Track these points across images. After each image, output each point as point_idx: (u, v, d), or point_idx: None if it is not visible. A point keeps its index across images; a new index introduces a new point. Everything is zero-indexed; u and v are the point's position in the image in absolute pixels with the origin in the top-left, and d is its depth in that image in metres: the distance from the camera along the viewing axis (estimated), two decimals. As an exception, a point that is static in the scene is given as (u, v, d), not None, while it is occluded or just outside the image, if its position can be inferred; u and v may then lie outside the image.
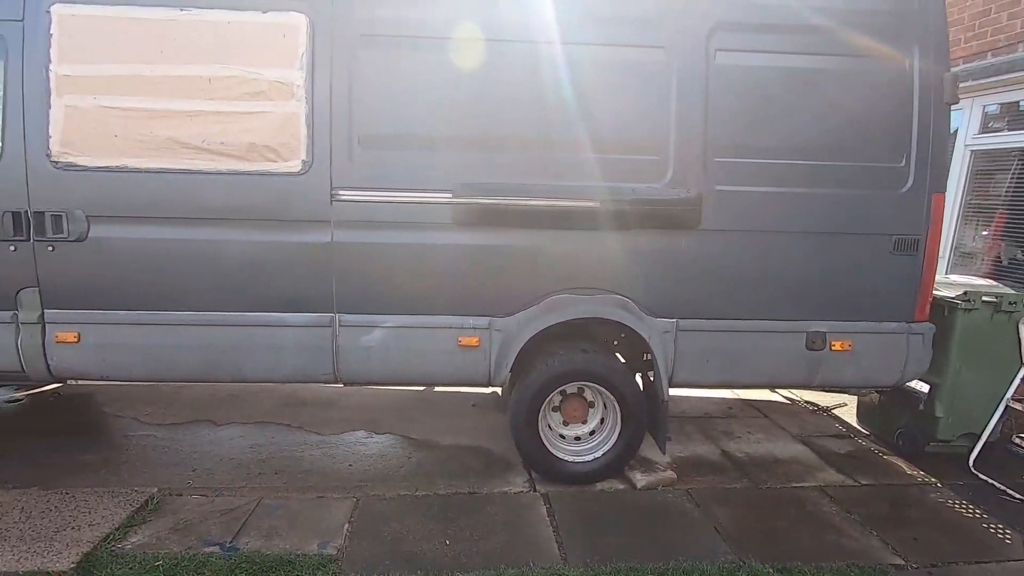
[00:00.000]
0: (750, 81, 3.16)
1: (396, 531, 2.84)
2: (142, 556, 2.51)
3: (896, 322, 3.36)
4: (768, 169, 3.20)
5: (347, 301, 3.19)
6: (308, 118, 3.03)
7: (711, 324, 3.31)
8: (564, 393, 3.43)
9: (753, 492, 3.38)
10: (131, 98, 3.01)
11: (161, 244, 3.11)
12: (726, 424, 4.36)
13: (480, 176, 3.11)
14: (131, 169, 3.03)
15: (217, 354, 3.22)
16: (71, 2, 2.97)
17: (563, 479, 3.35)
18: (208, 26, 3.00)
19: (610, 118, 3.15)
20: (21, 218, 3.03)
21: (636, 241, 3.21)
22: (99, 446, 3.67)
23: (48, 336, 3.16)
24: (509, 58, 3.07)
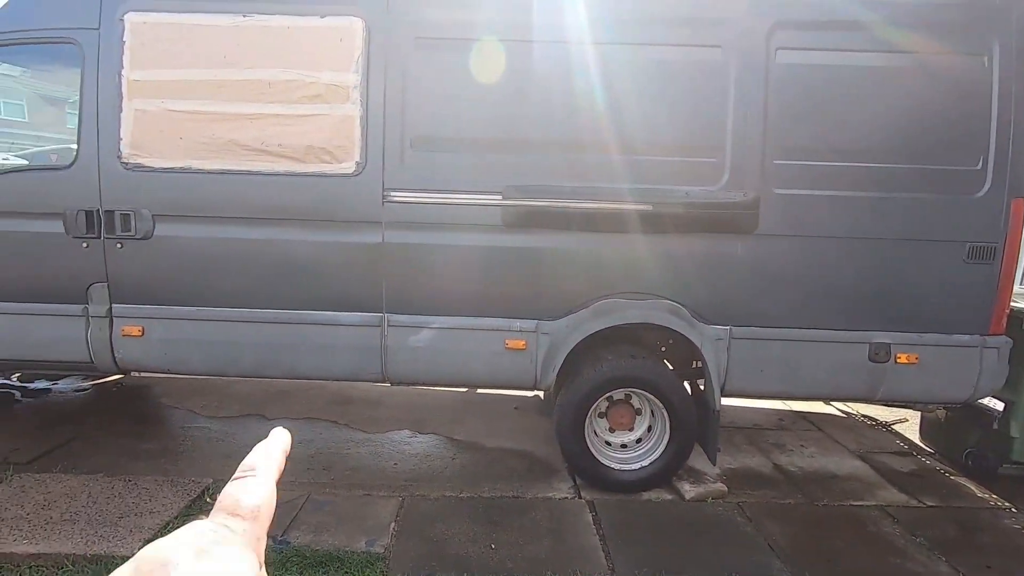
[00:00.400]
0: (812, 80, 3.04)
1: (442, 532, 2.84)
2: (199, 545, 2.59)
3: (969, 335, 3.16)
4: (831, 172, 3.07)
5: (396, 301, 3.22)
6: (362, 120, 3.08)
7: (767, 332, 3.19)
8: (611, 399, 3.37)
9: (809, 509, 3.24)
10: (196, 101, 3.12)
11: (221, 243, 3.21)
12: (777, 436, 4.20)
13: (531, 178, 3.09)
14: (194, 170, 3.15)
15: (271, 351, 3.30)
16: (143, 10, 3.10)
17: (609, 487, 3.29)
18: (269, 31, 3.08)
19: (664, 120, 3.08)
20: (93, 217, 3.18)
21: (690, 245, 3.13)
22: (158, 435, 3.83)
23: (115, 330, 3.31)
24: (560, 60, 3.04)
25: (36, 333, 3.33)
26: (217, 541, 0.32)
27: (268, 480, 0.36)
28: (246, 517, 0.34)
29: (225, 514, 0.33)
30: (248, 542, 0.33)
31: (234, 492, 0.35)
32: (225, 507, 0.33)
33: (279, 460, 0.38)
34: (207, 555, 0.31)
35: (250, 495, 0.34)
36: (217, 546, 0.31)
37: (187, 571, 0.30)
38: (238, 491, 0.35)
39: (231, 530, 0.33)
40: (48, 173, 3.33)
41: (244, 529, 0.33)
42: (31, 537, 2.52)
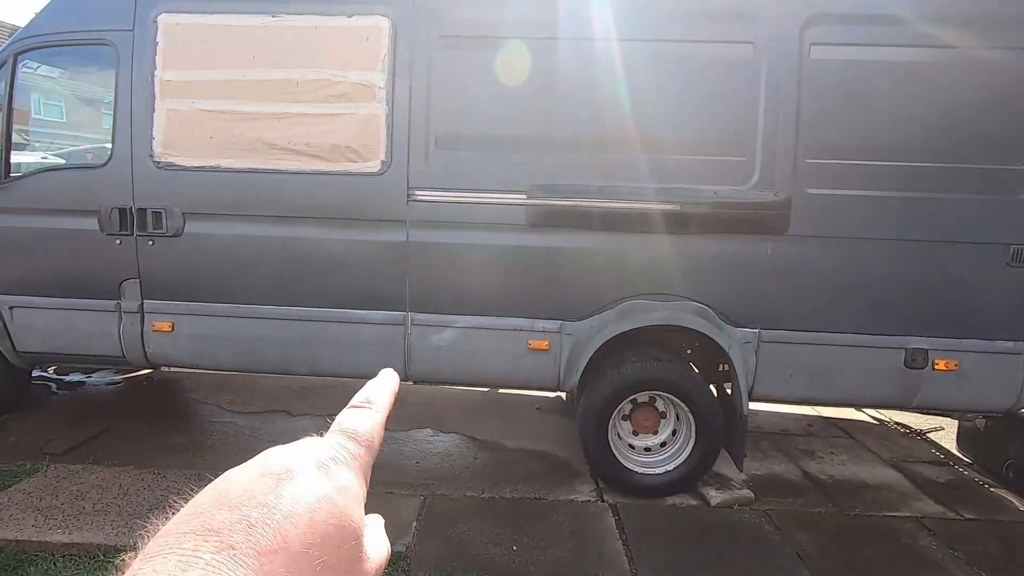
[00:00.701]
0: (848, 76, 2.94)
1: (463, 533, 2.83)
2: (225, 539, 2.62)
3: (1013, 341, 3.03)
4: (867, 171, 2.97)
5: (420, 300, 3.22)
6: (388, 119, 3.08)
7: (797, 336, 3.11)
8: (635, 402, 3.32)
9: (839, 518, 3.14)
10: (225, 101, 3.16)
11: (248, 241, 3.25)
12: (806, 442, 4.09)
13: (556, 177, 3.06)
14: (223, 169, 3.19)
15: (296, 347, 3.33)
16: (175, 11, 3.16)
17: (632, 491, 3.24)
18: (297, 31, 3.11)
19: (692, 118, 3.02)
20: (126, 214, 3.25)
21: (717, 246, 3.07)
22: (187, 429, 3.90)
23: (146, 325, 3.38)
24: (586, 57, 3.01)
25: (71, 327, 3.43)
26: (336, 459, 0.33)
27: (381, 413, 0.37)
28: (361, 443, 0.35)
29: (344, 436, 0.34)
30: (361, 467, 0.34)
31: (352, 418, 0.36)
32: (345, 430, 0.35)
33: (390, 397, 0.39)
34: (326, 470, 0.32)
35: (366, 423, 0.36)
36: (335, 464, 0.33)
37: (308, 480, 0.31)
38: (356, 417, 0.36)
39: (349, 451, 0.34)
40: (84, 172, 3.42)
41: (358, 454, 0.34)
42: (65, 527, 2.58)
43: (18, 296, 3.42)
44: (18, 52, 3.31)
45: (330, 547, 0.29)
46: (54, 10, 3.36)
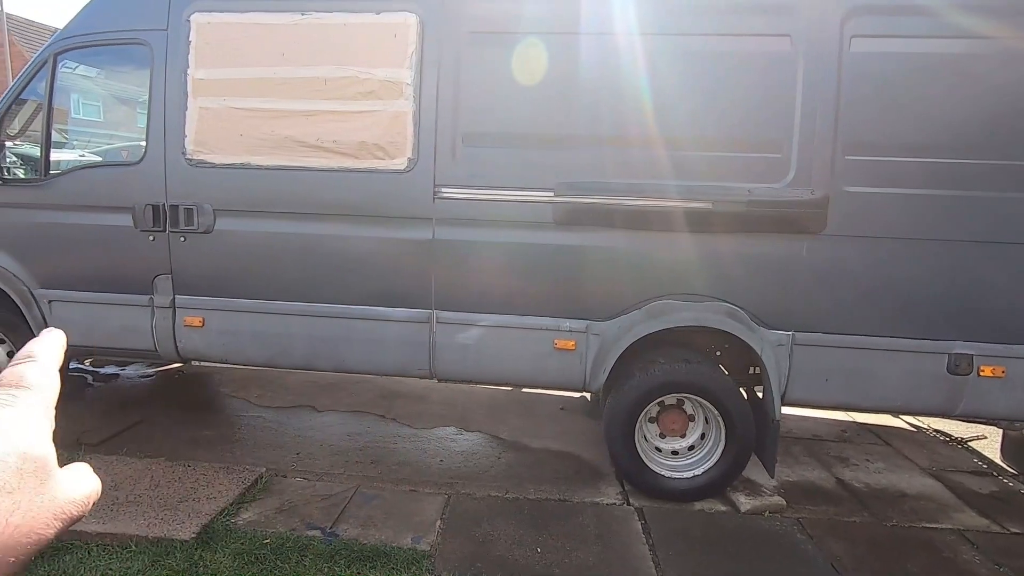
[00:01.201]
0: (892, 70, 2.82)
1: (487, 533, 2.81)
2: (252, 533, 2.66)
3: (1065, 348, 2.88)
4: (910, 168, 2.85)
5: (445, 298, 3.21)
6: (415, 116, 3.07)
7: (833, 339, 3.01)
8: (662, 404, 3.25)
9: (876, 528, 3.03)
10: (256, 99, 3.19)
11: (276, 237, 3.28)
12: (839, 449, 3.96)
13: (583, 175, 3.01)
14: (253, 166, 3.22)
15: (322, 344, 3.35)
16: (208, 10, 3.20)
17: (659, 494, 3.18)
18: (326, 29, 3.12)
19: (724, 113, 2.94)
20: (159, 211, 3.31)
21: (750, 245, 2.98)
22: (216, 423, 3.97)
23: (178, 320, 3.43)
24: (616, 53, 2.94)
25: (106, 321, 3.51)
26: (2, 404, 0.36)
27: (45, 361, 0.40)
28: (31, 388, 0.38)
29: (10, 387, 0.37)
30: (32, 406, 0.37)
31: (16, 371, 0.39)
32: (9, 383, 0.37)
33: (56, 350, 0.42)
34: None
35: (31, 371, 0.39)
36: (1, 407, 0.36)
37: None
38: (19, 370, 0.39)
39: (15, 397, 0.37)
40: (119, 169, 3.49)
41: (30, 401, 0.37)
42: (99, 517, 2.64)
43: (57, 290, 3.51)
44: (57, 52, 3.39)
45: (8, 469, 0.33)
46: (91, 11, 3.43)
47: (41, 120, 3.44)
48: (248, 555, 2.49)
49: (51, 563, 2.38)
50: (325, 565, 2.46)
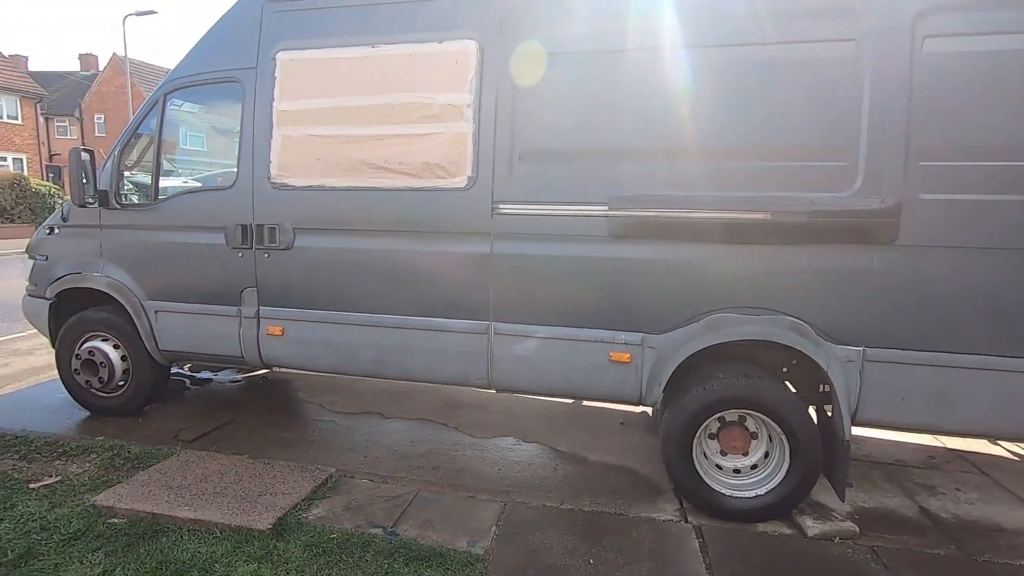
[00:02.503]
0: (971, 69, 2.66)
1: (540, 541, 2.85)
2: (321, 527, 2.85)
3: None
4: (991, 173, 2.66)
5: (502, 310, 3.31)
6: (474, 136, 3.23)
7: (910, 356, 2.83)
8: (723, 420, 3.17)
9: (964, 563, 2.79)
10: (331, 126, 3.48)
11: (347, 253, 3.53)
12: (926, 476, 3.67)
13: (637, 188, 3.03)
14: (328, 188, 3.50)
15: (388, 353, 3.55)
16: (291, 49, 3.54)
17: (718, 513, 3.09)
18: (393, 60, 3.36)
19: (784, 121, 2.87)
20: (248, 230, 3.66)
21: (815, 257, 2.88)
22: (294, 426, 4.27)
23: (261, 329, 3.76)
24: (669, 67, 2.97)
25: (201, 330, 3.90)
26: None
27: None
28: None
29: None
30: None
31: None
32: None
33: None
34: None
35: None
36: None
37: None
38: None
39: None
40: (214, 193, 3.90)
41: None
42: (191, 504, 2.93)
43: (161, 302, 3.95)
44: (166, 92, 3.87)
45: None
46: (193, 56, 3.88)
47: (152, 151, 3.92)
48: (316, 547, 2.68)
49: (151, 543, 2.67)
50: (385, 562, 2.60)
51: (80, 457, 3.54)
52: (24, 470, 3.38)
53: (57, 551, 2.61)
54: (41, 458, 3.53)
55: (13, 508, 2.94)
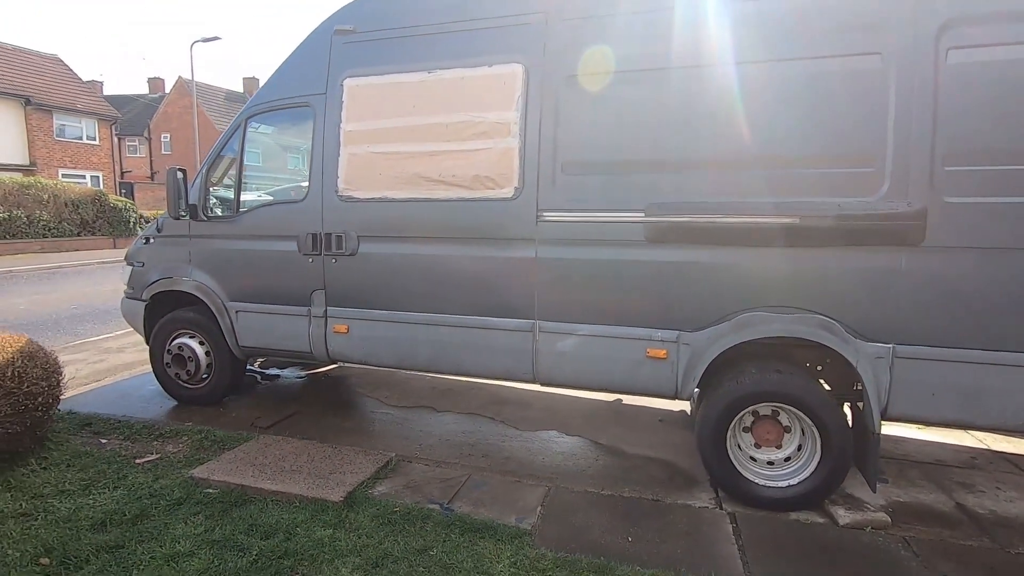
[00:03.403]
0: (992, 78, 2.79)
1: (582, 521, 3.10)
2: (385, 501, 3.19)
3: None
4: (1015, 176, 2.77)
5: (546, 309, 3.60)
6: (520, 151, 3.54)
7: (939, 353, 2.95)
8: (757, 415, 3.34)
9: (998, 554, 2.87)
10: (391, 144, 3.87)
11: (406, 258, 3.90)
12: (966, 475, 3.71)
13: (672, 195, 3.27)
14: (388, 199, 3.89)
15: (442, 349, 3.89)
16: (356, 76, 3.96)
17: (751, 501, 3.26)
18: (447, 83, 3.72)
19: (814, 131, 3.05)
20: (317, 238, 4.09)
21: (844, 259, 3.04)
22: (354, 416, 4.67)
23: (328, 327, 4.17)
24: (700, 82, 3.20)
25: (276, 328, 4.35)
26: None
27: None
28: None
29: None
30: None
31: None
32: None
33: None
34: None
35: None
36: None
37: None
38: None
39: None
40: (289, 205, 4.35)
41: None
42: (272, 479, 3.33)
43: (241, 302, 4.43)
44: (247, 117, 4.37)
45: None
46: (270, 84, 4.37)
47: (235, 169, 4.42)
48: (382, 518, 3.01)
49: (241, 509, 3.07)
50: (443, 532, 2.91)
51: (174, 439, 4.03)
52: (129, 448, 3.88)
53: (165, 513, 3.04)
54: (142, 439, 4.03)
55: (125, 479, 3.41)
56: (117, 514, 3.01)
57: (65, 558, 2.64)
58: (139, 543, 2.77)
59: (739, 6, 3.16)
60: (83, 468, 3.52)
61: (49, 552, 2.68)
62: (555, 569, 2.64)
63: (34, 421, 3.53)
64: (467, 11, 3.71)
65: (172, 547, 2.73)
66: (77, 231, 19.37)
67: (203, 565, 2.60)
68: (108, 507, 3.07)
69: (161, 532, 2.87)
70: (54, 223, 18.66)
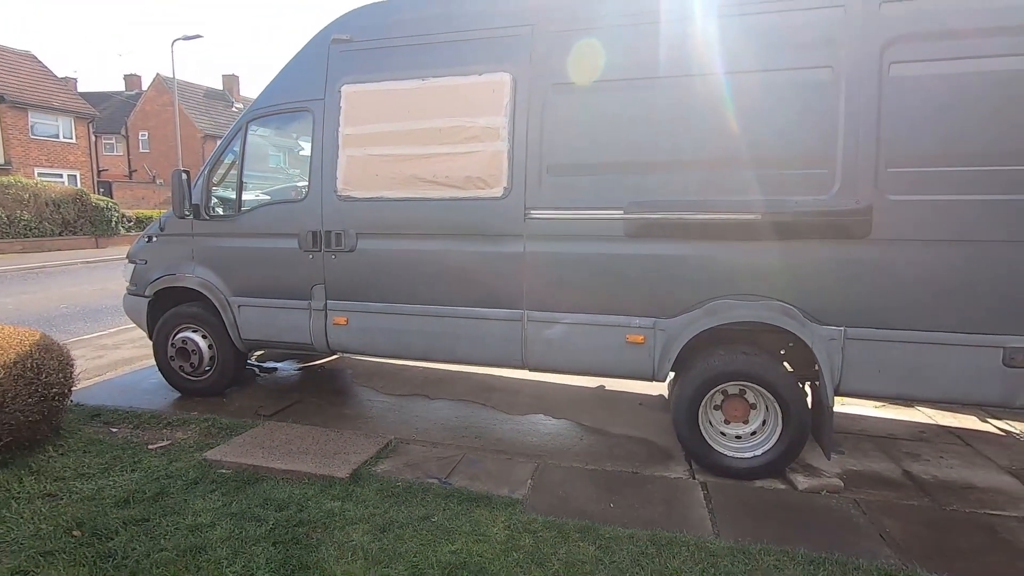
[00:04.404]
0: (928, 89, 3.14)
1: (568, 492, 3.41)
2: (388, 477, 3.47)
3: None
4: (950, 177, 3.13)
5: (534, 300, 3.90)
6: (509, 154, 3.83)
7: (884, 334, 3.31)
8: (726, 394, 3.68)
9: (935, 512, 3.24)
10: (388, 147, 4.13)
11: (402, 253, 4.17)
12: (914, 447, 4.10)
13: (649, 195, 3.59)
14: (385, 199, 4.15)
15: (437, 338, 4.17)
16: (354, 82, 4.21)
17: (722, 472, 3.60)
18: (440, 89, 3.99)
19: (774, 136, 3.38)
20: (317, 235, 4.33)
21: (800, 251, 3.38)
22: (352, 404, 4.93)
23: (328, 320, 4.42)
24: (674, 91, 3.52)
25: (277, 321, 4.58)
26: None
27: None
28: None
29: None
30: None
31: None
32: None
33: None
34: None
35: None
36: None
37: None
38: None
39: None
40: (289, 204, 4.58)
41: None
42: (282, 459, 3.58)
43: (243, 297, 4.65)
44: (248, 120, 4.59)
45: None
46: (270, 89, 4.59)
47: (236, 170, 4.64)
48: (386, 491, 3.29)
49: (254, 486, 3.32)
50: (443, 502, 3.19)
51: (182, 427, 4.25)
52: (140, 436, 4.09)
53: (183, 491, 3.28)
54: (151, 427, 4.25)
55: (140, 463, 3.63)
56: (138, 493, 3.24)
57: (95, 530, 2.87)
58: (162, 517, 3.01)
59: (708, 24, 3.48)
60: (99, 454, 3.73)
61: (80, 526, 2.91)
62: (545, 530, 2.94)
63: (51, 410, 3.73)
64: (458, 23, 3.98)
65: (194, 519, 2.98)
66: (59, 231, 19.19)
67: (225, 533, 2.86)
68: (129, 487, 3.30)
69: (182, 507, 3.11)
70: (35, 223, 18.47)
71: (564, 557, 2.72)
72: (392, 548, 2.76)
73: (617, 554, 2.75)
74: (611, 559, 2.71)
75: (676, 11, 3.53)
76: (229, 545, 2.76)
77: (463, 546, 2.78)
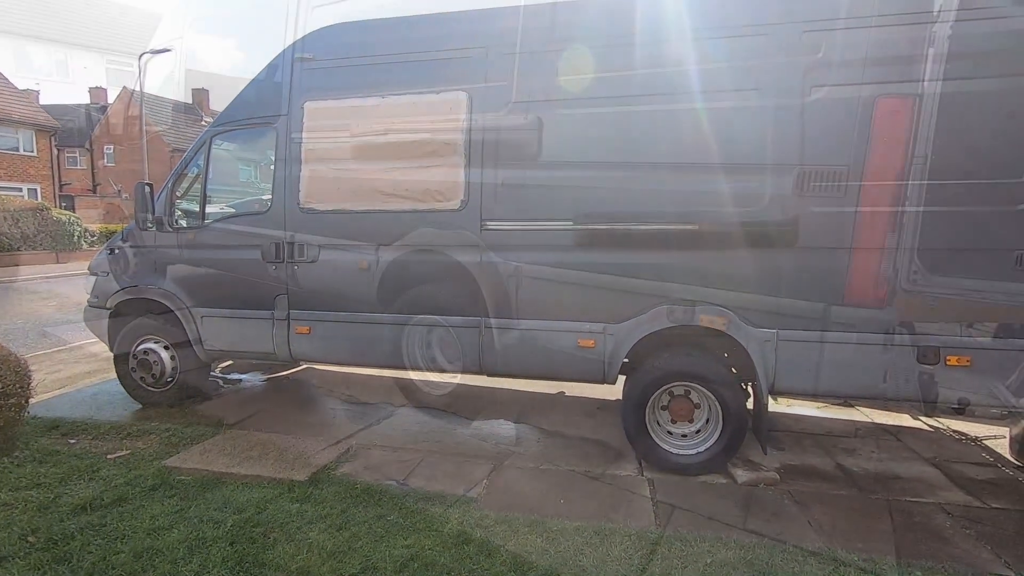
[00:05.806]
0: (846, 111, 3.44)
1: (523, 490, 3.56)
2: (347, 480, 3.57)
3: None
4: (861, 190, 3.43)
5: (491, 308, 4.07)
6: (466, 168, 4.02)
7: (812, 335, 3.57)
8: (672, 395, 3.89)
9: (860, 500, 3.49)
10: (349, 161, 4.28)
11: (363, 264, 4.30)
12: (849, 443, 4.38)
13: (596, 207, 3.81)
14: (347, 211, 4.29)
15: (396, 347, 4.29)
16: (316, 99, 4.36)
17: (669, 468, 3.80)
18: (400, 106, 4.17)
19: (709, 153, 3.64)
20: (280, 246, 4.44)
21: (735, 259, 3.63)
22: (316, 412, 5.00)
23: (291, 329, 4.51)
24: (620, 111, 3.76)
25: (240, 331, 4.65)
26: None
27: None
28: None
29: None
30: None
31: None
32: None
33: None
34: None
35: None
36: None
37: None
38: None
39: None
40: (253, 216, 4.68)
41: None
42: (242, 465, 3.65)
43: (206, 308, 4.71)
44: (212, 135, 4.69)
45: None
46: (235, 105, 4.71)
47: (200, 183, 4.72)
48: (344, 493, 3.39)
49: (214, 491, 3.39)
50: (399, 501, 3.31)
51: (143, 436, 4.27)
52: (99, 446, 4.10)
53: (141, 497, 3.32)
54: (110, 438, 4.26)
55: (98, 471, 3.65)
56: (96, 500, 3.27)
57: (51, 536, 2.91)
58: (120, 521, 3.06)
59: (648, 50, 3.74)
60: (56, 464, 3.74)
61: (35, 532, 2.94)
62: (496, 525, 3.08)
63: (7, 421, 3.73)
64: (416, 44, 4.18)
65: (152, 523, 3.04)
66: (17, 245, 18.65)
67: (182, 535, 2.92)
68: (86, 495, 3.33)
69: (140, 512, 3.16)
70: (-10, 237, 17.93)
71: (512, 548, 2.86)
72: (347, 544, 2.87)
73: (563, 544, 2.91)
74: (556, 549, 2.87)
75: (622, 35, 3.77)
76: (186, 546, 2.83)
77: (416, 541, 2.90)
